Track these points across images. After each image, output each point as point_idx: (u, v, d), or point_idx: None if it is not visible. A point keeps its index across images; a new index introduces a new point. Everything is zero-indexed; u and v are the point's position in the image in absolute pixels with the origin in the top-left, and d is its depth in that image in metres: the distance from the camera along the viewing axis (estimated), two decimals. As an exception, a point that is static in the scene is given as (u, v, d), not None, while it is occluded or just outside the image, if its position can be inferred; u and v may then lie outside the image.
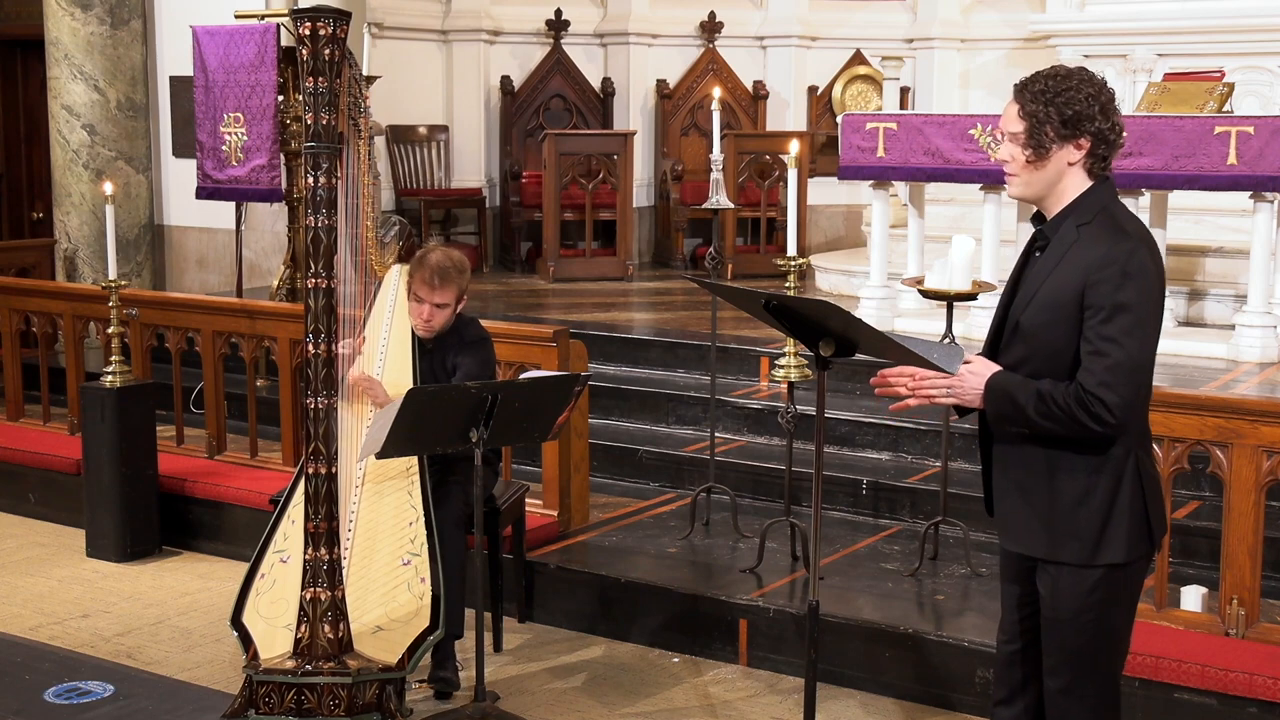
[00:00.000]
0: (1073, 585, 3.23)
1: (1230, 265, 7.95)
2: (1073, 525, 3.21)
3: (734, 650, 5.15)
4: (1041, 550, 3.26)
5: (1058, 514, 3.22)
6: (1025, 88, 3.20)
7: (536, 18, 11.26)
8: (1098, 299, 3.09)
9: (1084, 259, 3.12)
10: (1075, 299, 3.11)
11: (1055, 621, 3.29)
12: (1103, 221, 3.17)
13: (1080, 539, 3.21)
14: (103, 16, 9.18)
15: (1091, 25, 9.79)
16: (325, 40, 4.16)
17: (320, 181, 4.20)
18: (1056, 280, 3.15)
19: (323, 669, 4.25)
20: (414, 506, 4.63)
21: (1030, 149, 3.18)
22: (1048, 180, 3.21)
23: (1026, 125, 3.17)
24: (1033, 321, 3.19)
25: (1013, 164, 3.23)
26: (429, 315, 4.84)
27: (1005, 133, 3.23)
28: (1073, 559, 3.22)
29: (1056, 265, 3.17)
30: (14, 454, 7.10)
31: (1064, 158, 3.17)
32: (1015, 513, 3.31)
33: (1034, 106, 3.16)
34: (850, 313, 3.31)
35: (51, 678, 4.80)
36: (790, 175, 5.28)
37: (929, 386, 3.29)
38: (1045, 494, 3.23)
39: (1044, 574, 3.29)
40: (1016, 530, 3.32)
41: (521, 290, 9.75)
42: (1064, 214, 3.21)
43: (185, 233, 9.75)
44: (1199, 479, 5.54)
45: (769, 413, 6.71)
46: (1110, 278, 3.08)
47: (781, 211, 9.93)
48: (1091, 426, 3.10)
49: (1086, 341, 3.11)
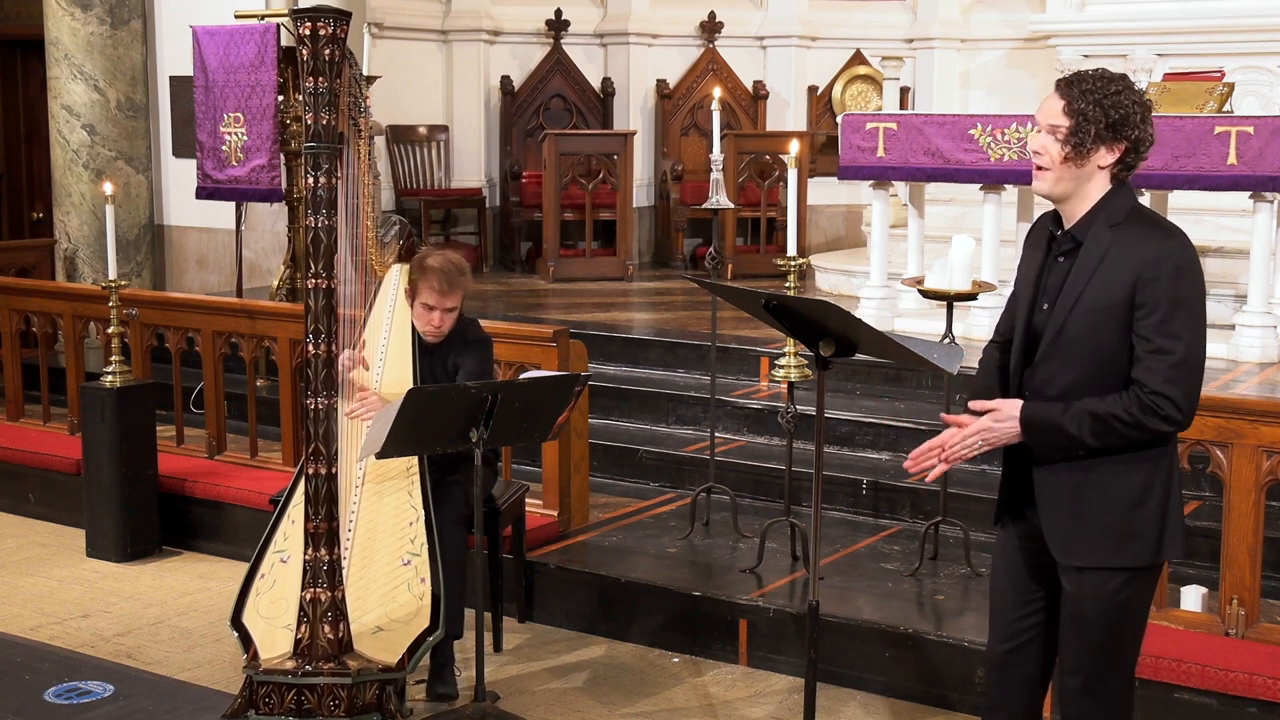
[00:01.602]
0: (1103, 583, 3.21)
1: (1230, 265, 7.95)
2: (1131, 528, 3.18)
3: (734, 650, 5.15)
4: (1104, 559, 3.20)
5: (1115, 519, 3.18)
6: (1074, 85, 3.16)
7: (536, 18, 11.26)
8: (1154, 296, 3.06)
9: (1132, 258, 3.09)
10: (1126, 299, 3.09)
11: (1082, 620, 3.26)
12: (1140, 221, 3.15)
13: (1141, 541, 3.19)
14: (103, 16, 9.18)
15: (1091, 25, 9.79)
16: (325, 40, 4.15)
17: (320, 181, 4.20)
18: (1102, 282, 3.12)
19: (323, 669, 4.24)
20: (414, 507, 4.62)
21: (1070, 146, 3.14)
22: (1078, 180, 3.18)
23: (1072, 123, 3.13)
24: (1080, 327, 3.14)
25: (1045, 157, 3.19)
26: (439, 321, 4.83)
27: (1045, 125, 3.19)
28: (1139, 561, 3.19)
29: (1098, 267, 3.13)
30: (14, 454, 7.10)
31: (1098, 160, 3.15)
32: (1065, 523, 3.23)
33: (1082, 105, 3.13)
34: (850, 313, 3.31)
35: (51, 678, 4.80)
36: (790, 175, 5.28)
37: (960, 448, 3.25)
38: (1096, 500, 3.18)
39: (1074, 573, 3.24)
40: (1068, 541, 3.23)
41: (521, 290, 9.75)
42: (1091, 216, 3.18)
43: (185, 233, 9.75)
44: (1199, 479, 5.55)
45: (769, 413, 6.71)
46: (1167, 274, 3.06)
47: (781, 211, 9.93)
48: (1162, 429, 3.08)
49: (1144, 340, 3.08)
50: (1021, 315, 3.31)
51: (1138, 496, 3.17)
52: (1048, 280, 3.26)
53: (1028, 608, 3.40)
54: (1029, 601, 3.40)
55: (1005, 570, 3.46)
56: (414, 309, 4.87)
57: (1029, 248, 3.38)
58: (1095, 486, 3.19)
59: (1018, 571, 3.41)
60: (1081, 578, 3.24)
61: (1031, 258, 3.35)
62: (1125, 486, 3.17)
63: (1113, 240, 3.13)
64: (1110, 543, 3.19)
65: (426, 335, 4.88)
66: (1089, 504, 3.20)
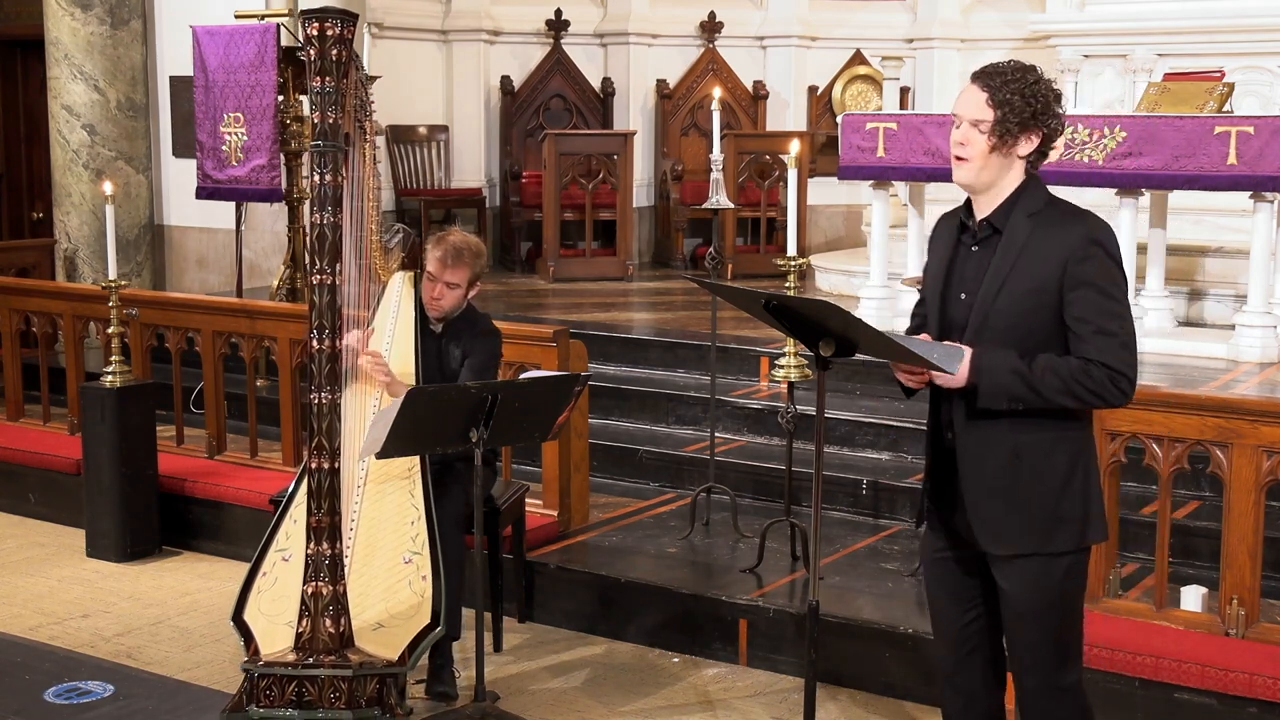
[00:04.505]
0: (1044, 574, 3.22)
1: (1230, 265, 7.95)
2: (1060, 512, 3.20)
3: (734, 650, 5.15)
4: (1033, 545, 3.21)
5: (1044, 504, 3.20)
6: (994, 76, 3.19)
7: (536, 18, 11.26)
8: (1087, 277, 3.11)
9: (1058, 243, 3.14)
10: (1054, 282, 3.13)
11: (1027, 615, 3.26)
12: (1058, 208, 3.21)
13: (1068, 526, 3.21)
14: (103, 16, 9.18)
15: (1091, 25, 9.79)
16: (332, 41, 4.18)
17: (326, 179, 4.21)
18: (1027, 268, 3.15)
19: (323, 662, 4.25)
20: (415, 506, 4.63)
21: (996, 137, 3.18)
22: (1000, 170, 3.21)
23: (998, 114, 3.17)
24: (1006, 314, 3.17)
25: (970, 148, 3.21)
26: (439, 293, 4.86)
27: (968, 119, 3.21)
28: (1067, 546, 3.21)
29: (1019, 254, 3.17)
30: (14, 454, 7.10)
31: (1019, 150, 3.20)
32: (995, 513, 3.24)
33: (1005, 95, 3.16)
34: (850, 313, 3.31)
35: (51, 678, 4.80)
36: (790, 175, 5.29)
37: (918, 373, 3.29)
38: (1027, 487, 3.20)
39: (1008, 569, 3.24)
40: (998, 531, 3.24)
41: (521, 290, 9.75)
42: (1008, 205, 3.22)
43: (185, 233, 9.75)
44: (1199, 479, 5.55)
45: (769, 413, 6.71)
46: (1097, 256, 3.12)
47: (781, 211, 9.93)
48: (1118, 401, 3.15)
49: (1083, 322, 3.12)
50: (934, 308, 3.33)
51: (1064, 478, 3.21)
52: (963, 270, 3.28)
53: (966, 615, 3.40)
54: (967, 609, 3.39)
55: (937, 579, 3.45)
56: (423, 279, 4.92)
57: (935, 243, 3.42)
58: (1023, 471, 3.21)
59: (950, 578, 3.41)
60: (1015, 570, 3.24)
61: (938, 250, 3.38)
62: (1051, 469, 3.20)
63: (1034, 227, 3.18)
64: (1039, 529, 3.21)
65: (427, 307, 4.91)
66: (1017, 489, 3.21)
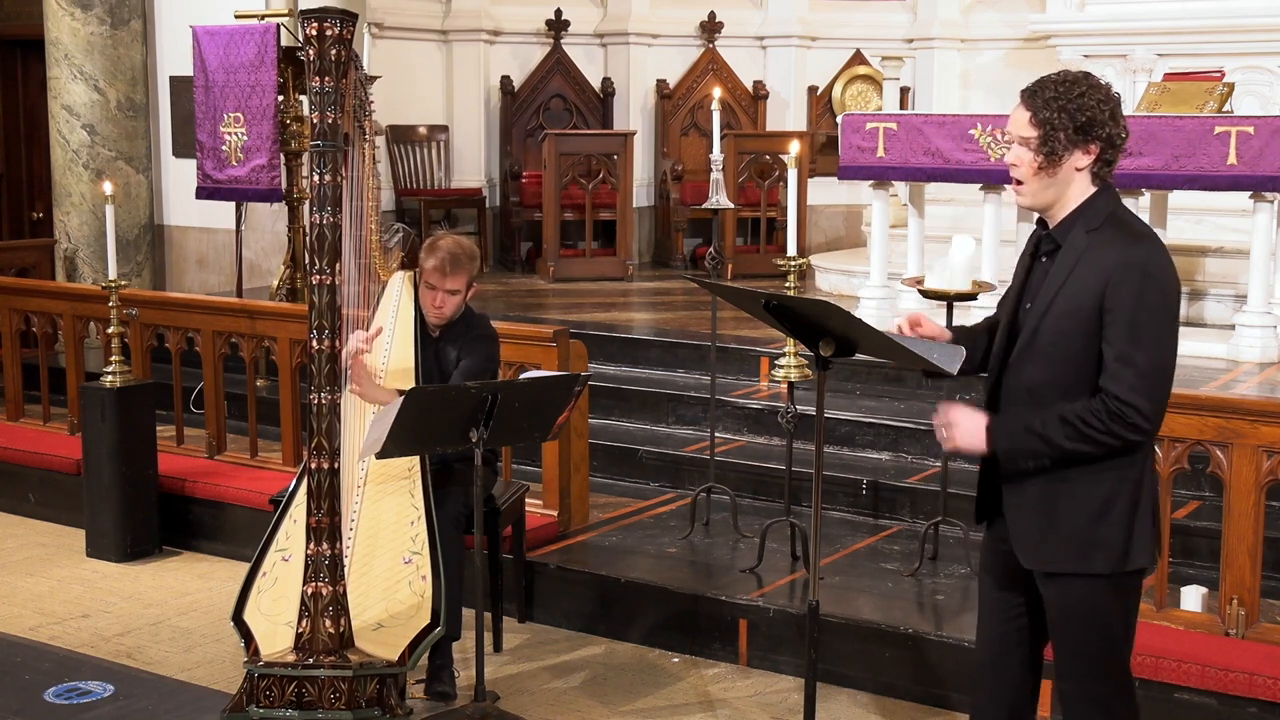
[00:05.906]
0: (1085, 593, 3.20)
1: (1230, 265, 7.95)
2: (1098, 536, 3.16)
3: (734, 650, 5.15)
4: (1070, 565, 3.19)
5: (1082, 526, 3.17)
6: (1036, 94, 3.17)
7: (536, 18, 11.26)
8: (1120, 303, 3.05)
9: (1101, 264, 3.09)
10: (1095, 305, 3.08)
11: (1060, 626, 3.26)
12: (1114, 226, 3.15)
13: (1107, 549, 3.17)
14: (103, 16, 9.17)
15: (1091, 25, 9.79)
16: (332, 41, 4.18)
17: (325, 179, 4.21)
18: (1073, 287, 3.12)
19: (323, 662, 4.25)
20: (416, 506, 4.63)
21: (1043, 155, 3.15)
22: (1058, 187, 3.18)
23: (1040, 132, 3.14)
24: (1052, 331, 3.15)
25: (1021, 169, 3.20)
26: (441, 302, 4.86)
27: (1015, 137, 3.20)
28: (1105, 569, 3.18)
29: (1071, 272, 3.13)
30: (14, 454, 7.11)
31: (1073, 163, 3.16)
32: (1033, 530, 3.23)
33: (1047, 113, 3.13)
34: (850, 313, 3.31)
35: (51, 678, 4.80)
36: (790, 175, 5.28)
37: None
38: (1066, 507, 3.18)
39: (1052, 583, 3.24)
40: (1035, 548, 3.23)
41: (521, 290, 9.75)
42: (1071, 219, 3.19)
43: (185, 233, 9.75)
44: (1199, 479, 5.54)
45: (769, 413, 6.71)
46: (1131, 280, 3.05)
47: (781, 211, 9.92)
48: (1129, 438, 3.08)
49: (1110, 346, 3.07)
50: (1008, 310, 3.33)
51: (1103, 505, 3.16)
52: (1032, 279, 3.27)
53: (1010, 612, 3.40)
54: (1012, 605, 3.39)
55: (989, 573, 3.46)
56: (420, 289, 4.91)
57: (1027, 244, 3.39)
58: (1063, 494, 3.18)
59: (1000, 575, 3.41)
60: (1052, 584, 3.24)
61: (1022, 258, 3.37)
62: (1091, 495, 3.16)
63: (1088, 245, 3.14)
64: (1076, 549, 3.18)
65: (428, 315, 4.91)
66: (1056, 510, 3.19)
